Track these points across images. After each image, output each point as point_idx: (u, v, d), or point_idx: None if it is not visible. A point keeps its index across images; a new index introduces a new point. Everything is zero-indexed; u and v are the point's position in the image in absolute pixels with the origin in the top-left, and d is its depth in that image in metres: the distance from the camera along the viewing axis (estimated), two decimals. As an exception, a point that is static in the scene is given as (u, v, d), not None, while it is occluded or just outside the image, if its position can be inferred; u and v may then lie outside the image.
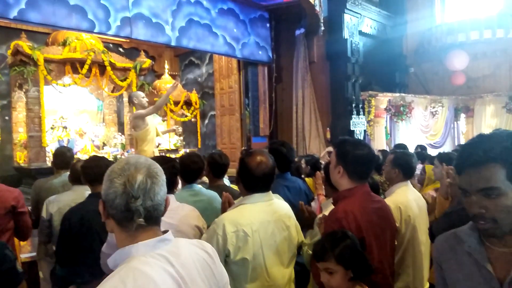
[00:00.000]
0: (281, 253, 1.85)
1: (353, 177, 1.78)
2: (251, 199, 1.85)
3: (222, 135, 8.55)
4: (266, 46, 7.84)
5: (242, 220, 1.76)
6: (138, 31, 5.88)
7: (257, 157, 1.86)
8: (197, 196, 2.47)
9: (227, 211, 1.92)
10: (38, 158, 6.31)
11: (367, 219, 1.71)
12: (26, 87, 6.30)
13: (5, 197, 2.66)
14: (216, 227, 1.75)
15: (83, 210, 2.45)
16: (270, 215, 1.84)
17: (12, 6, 4.67)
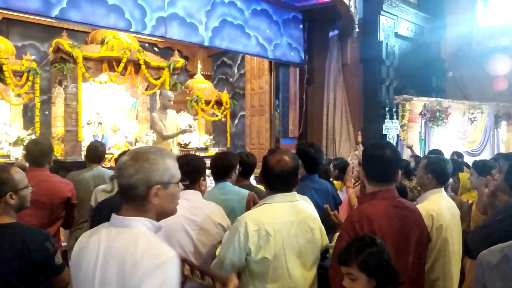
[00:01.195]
0: (303, 255, 1.81)
1: (372, 179, 1.74)
2: (274, 198, 1.83)
3: (251, 136, 8.57)
4: (299, 47, 7.79)
5: (264, 219, 1.74)
6: (173, 31, 5.99)
7: (277, 155, 1.84)
8: (227, 195, 2.47)
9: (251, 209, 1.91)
10: (74, 152, 6.56)
11: (387, 224, 1.65)
12: (65, 83, 6.56)
13: (62, 189, 2.83)
14: (238, 225, 1.74)
15: (113, 203, 2.50)
16: (294, 216, 1.81)
17: (54, 5, 4.88)
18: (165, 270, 1.17)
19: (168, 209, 1.34)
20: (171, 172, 1.31)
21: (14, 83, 5.97)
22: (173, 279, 1.18)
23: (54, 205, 2.75)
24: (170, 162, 1.31)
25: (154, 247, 1.21)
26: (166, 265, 1.18)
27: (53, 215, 2.76)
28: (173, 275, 1.19)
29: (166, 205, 1.32)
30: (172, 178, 1.31)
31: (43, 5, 4.80)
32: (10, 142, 6.34)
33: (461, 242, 2.45)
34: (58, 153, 6.96)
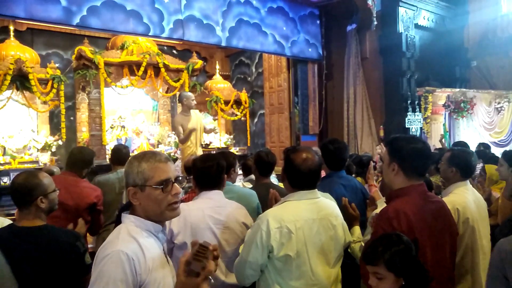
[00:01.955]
0: (326, 252, 1.81)
1: (410, 174, 1.69)
2: (295, 196, 1.83)
3: (271, 134, 8.58)
4: (316, 43, 7.73)
5: (286, 217, 1.75)
6: (190, 33, 6.06)
7: (302, 154, 1.84)
8: (228, 194, 2.50)
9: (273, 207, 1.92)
10: (99, 156, 6.73)
11: (422, 220, 1.61)
12: (88, 89, 6.75)
13: (89, 194, 2.91)
14: (260, 223, 1.75)
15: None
16: (315, 213, 1.81)
17: (75, 13, 5.02)
18: (104, 263, 1.24)
19: (151, 212, 1.37)
20: (145, 175, 1.35)
21: (40, 91, 6.18)
22: (109, 273, 1.23)
23: (80, 209, 2.83)
24: (146, 166, 1.35)
25: (112, 241, 1.30)
26: (107, 259, 1.24)
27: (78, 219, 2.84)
28: (111, 269, 1.23)
29: (148, 208, 1.36)
30: (146, 181, 1.35)
31: (64, 14, 4.94)
32: (38, 148, 6.57)
33: (489, 235, 2.39)
34: (84, 157, 7.14)
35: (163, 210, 1.36)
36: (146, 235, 1.35)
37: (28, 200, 1.88)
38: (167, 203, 1.36)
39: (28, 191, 1.89)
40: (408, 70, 7.09)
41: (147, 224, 1.36)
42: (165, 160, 1.39)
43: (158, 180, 1.35)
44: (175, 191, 1.37)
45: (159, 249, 1.38)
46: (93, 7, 5.13)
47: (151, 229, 1.37)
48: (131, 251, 1.26)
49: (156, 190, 1.34)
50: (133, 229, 1.34)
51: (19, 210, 1.90)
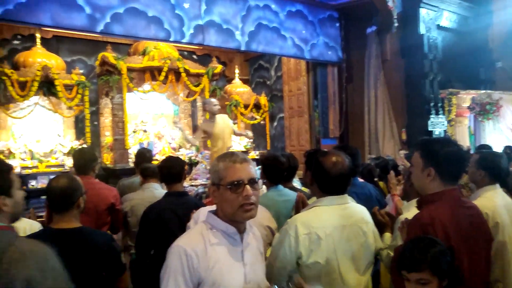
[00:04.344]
0: (356, 260, 1.75)
1: (446, 178, 1.62)
2: (325, 201, 1.77)
3: (290, 137, 8.53)
4: (336, 46, 7.66)
5: (315, 223, 1.70)
6: (210, 38, 6.10)
7: (332, 157, 1.78)
8: (284, 196, 2.47)
9: (301, 211, 1.88)
10: (122, 159, 6.85)
11: (457, 227, 1.55)
12: (112, 94, 6.88)
13: (106, 195, 2.96)
14: (289, 228, 1.71)
15: (159, 208, 2.59)
16: (346, 219, 1.75)
17: (99, 20, 5.12)
18: (168, 256, 1.36)
19: (226, 211, 1.42)
20: (220, 175, 1.42)
21: (66, 97, 6.33)
22: (170, 266, 1.34)
23: (100, 211, 2.87)
24: (222, 165, 1.41)
25: (182, 236, 1.44)
26: (170, 253, 1.36)
27: (99, 220, 2.88)
28: (171, 262, 1.34)
29: (223, 207, 1.44)
30: (220, 180, 1.41)
31: (88, 21, 5.05)
32: (64, 152, 6.73)
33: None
34: (107, 161, 7.29)
35: (235, 211, 1.36)
36: (218, 235, 1.38)
37: (70, 202, 1.91)
38: (238, 205, 1.35)
39: (71, 193, 1.92)
40: (431, 72, 6.93)
41: (220, 225, 1.39)
42: (240, 161, 1.38)
43: (229, 181, 1.36)
44: (246, 193, 1.35)
45: (231, 250, 1.37)
46: (116, 14, 5.22)
47: (224, 230, 1.38)
48: (191, 248, 1.31)
49: (228, 191, 1.35)
50: (206, 228, 1.39)
51: (57, 213, 1.91)
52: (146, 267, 2.54)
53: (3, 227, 1.28)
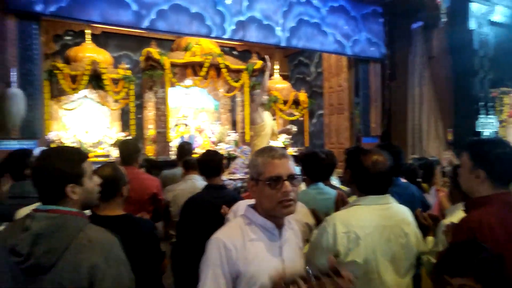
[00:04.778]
0: (397, 261, 1.70)
1: (497, 181, 1.54)
2: (365, 200, 1.73)
3: (330, 135, 8.39)
4: (379, 42, 7.44)
5: (354, 222, 1.67)
6: (251, 34, 6.12)
7: (373, 156, 1.74)
8: (324, 195, 2.44)
9: (340, 210, 1.85)
10: (164, 152, 7.06)
11: (507, 233, 1.46)
12: (155, 88, 7.09)
13: (149, 185, 3.07)
14: (327, 226, 1.69)
15: (199, 199, 2.65)
16: (386, 219, 1.70)
17: (145, 17, 5.28)
18: (207, 247, 1.39)
19: (264, 206, 1.42)
20: (258, 170, 1.43)
21: (112, 90, 6.60)
22: (209, 257, 1.36)
23: (143, 201, 2.97)
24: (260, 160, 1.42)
25: (221, 229, 1.46)
26: (210, 244, 1.39)
27: (142, 209, 2.97)
28: (210, 254, 1.36)
29: (262, 202, 1.44)
30: (259, 176, 1.42)
31: (134, 17, 5.23)
32: (110, 143, 7.02)
33: None
34: (150, 153, 7.54)
35: (274, 207, 1.36)
36: (257, 230, 1.38)
37: (114, 191, 1.99)
38: (277, 200, 1.35)
39: (116, 181, 2.00)
40: (481, 70, 6.56)
41: (258, 219, 1.39)
42: (279, 157, 1.37)
43: (268, 176, 1.35)
44: (285, 189, 1.34)
45: (269, 245, 1.37)
46: (161, 10, 5.37)
47: (262, 224, 1.39)
48: (230, 241, 1.33)
49: (266, 186, 1.35)
50: (245, 222, 1.40)
51: (103, 201, 1.99)
52: (186, 256, 2.60)
53: (75, 212, 1.35)
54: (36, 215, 1.29)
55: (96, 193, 1.50)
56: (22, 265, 1.23)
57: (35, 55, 4.80)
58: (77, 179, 1.37)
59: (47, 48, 7.07)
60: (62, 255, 1.25)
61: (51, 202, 1.33)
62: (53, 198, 1.34)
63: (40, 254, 1.23)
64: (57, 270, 1.25)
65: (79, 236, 1.30)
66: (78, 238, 1.29)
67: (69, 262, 1.26)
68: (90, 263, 1.27)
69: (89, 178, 1.44)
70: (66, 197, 1.34)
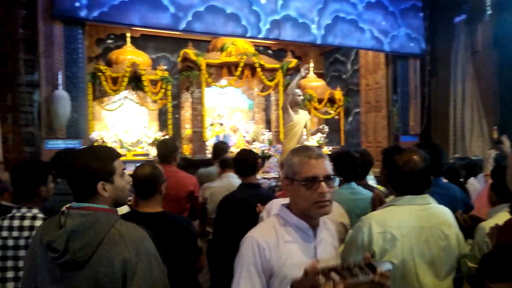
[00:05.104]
0: (436, 264, 1.65)
1: None
2: (403, 200, 1.69)
3: (366, 133, 8.21)
4: (419, 37, 7.19)
5: (390, 222, 1.63)
6: (286, 32, 6.11)
7: (406, 155, 1.70)
8: (357, 195, 2.41)
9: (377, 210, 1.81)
10: (200, 151, 7.21)
11: None
12: (192, 89, 7.25)
13: (187, 183, 3.16)
14: (363, 225, 1.66)
15: (234, 198, 2.69)
16: (425, 220, 1.65)
17: (182, 19, 5.41)
18: (241, 246, 1.39)
19: (299, 206, 1.39)
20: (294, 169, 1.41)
21: (151, 91, 6.81)
22: (243, 256, 1.36)
23: (180, 198, 3.06)
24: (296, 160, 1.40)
25: (255, 228, 1.47)
26: (244, 243, 1.39)
27: (180, 206, 3.07)
28: (244, 253, 1.36)
29: (297, 202, 1.41)
30: (294, 175, 1.41)
31: (172, 20, 5.37)
32: (149, 143, 7.25)
33: None
34: (187, 151, 7.71)
35: (310, 207, 1.34)
36: (291, 230, 1.37)
37: (153, 189, 2.07)
38: (312, 201, 1.33)
39: (154, 180, 2.08)
40: (529, 64, 6.18)
41: (292, 219, 1.38)
42: (316, 157, 1.36)
43: (304, 176, 1.34)
44: (321, 190, 1.32)
45: (304, 246, 1.37)
46: (197, 12, 5.48)
47: (296, 224, 1.38)
48: (263, 240, 1.33)
49: (302, 186, 1.34)
50: (279, 221, 1.40)
51: (143, 199, 2.08)
52: (222, 253, 2.65)
53: (106, 209, 1.41)
54: (70, 213, 1.36)
55: (127, 191, 1.55)
56: (59, 260, 1.30)
57: (80, 58, 5.05)
58: (108, 177, 1.43)
59: (91, 51, 7.40)
60: (96, 250, 1.31)
61: (83, 199, 1.40)
62: (85, 195, 1.40)
63: (75, 249, 1.30)
64: (91, 265, 1.31)
65: (111, 231, 1.35)
66: (110, 233, 1.35)
67: (102, 257, 1.31)
68: (123, 257, 1.32)
69: (120, 176, 1.49)
70: (97, 194, 1.40)
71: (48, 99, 4.77)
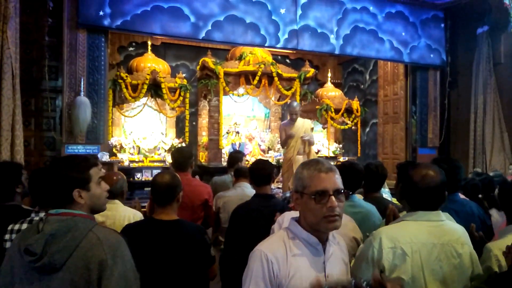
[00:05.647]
0: (448, 283, 1.62)
1: None
2: (415, 215, 1.68)
3: (383, 145, 8.13)
4: (439, 48, 7.12)
5: (401, 237, 1.62)
6: (304, 42, 6.14)
7: (422, 170, 1.69)
8: (356, 208, 2.40)
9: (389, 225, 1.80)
10: (216, 158, 7.27)
11: None
12: (209, 97, 7.34)
13: (201, 191, 3.20)
14: (373, 240, 1.66)
15: (248, 208, 2.71)
16: (437, 237, 1.64)
17: (201, 28, 5.52)
18: (250, 259, 1.40)
19: (309, 220, 1.39)
20: (304, 183, 1.41)
21: (170, 98, 6.92)
22: (252, 269, 1.36)
23: (195, 206, 3.10)
24: (306, 173, 1.40)
25: (264, 241, 1.46)
26: (252, 256, 1.40)
27: (194, 214, 3.10)
28: (253, 266, 1.36)
29: (306, 216, 1.41)
30: (304, 189, 1.41)
31: (192, 29, 5.48)
32: (166, 149, 7.36)
33: None
34: (202, 159, 7.79)
35: (319, 221, 1.34)
36: (300, 244, 1.38)
37: (172, 197, 2.11)
38: (321, 215, 1.33)
39: (173, 188, 2.12)
40: (555, 77, 6.04)
41: (301, 233, 1.39)
42: (326, 170, 1.36)
43: (313, 190, 1.34)
44: (331, 204, 1.31)
45: (312, 260, 1.37)
46: (217, 21, 5.58)
47: (305, 239, 1.38)
48: (272, 254, 1.34)
49: (311, 200, 1.34)
50: (288, 235, 1.40)
51: (160, 206, 2.12)
52: (234, 263, 2.66)
53: (84, 215, 1.47)
54: (48, 219, 1.42)
55: (104, 199, 1.61)
56: (36, 263, 1.35)
57: (102, 65, 5.20)
58: (84, 185, 1.50)
59: (112, 58, 7.59)
60: (72, 253, 1.36)
61: (61, 206, 1.47)
62: (63, 202, 1.47)
63: (52, 252, 1.35)
64: (68, 267, 1.35)
65: (89, 235, 1.41)
66: (87, 237, 1.40)
67: (79, 259, 1.36)
68: (99, 260, 1.37)
69: (97, 184, 1.55)
70: (74, 201, 1.47)
71: (70, 104, 4.91)
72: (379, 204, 2.55)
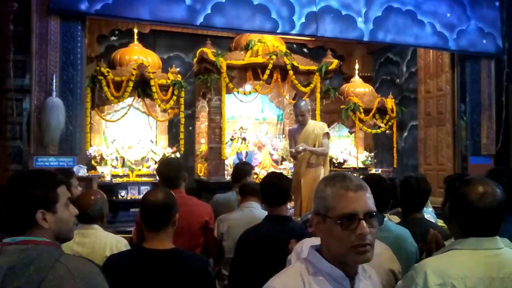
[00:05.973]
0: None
1: None
2: (467, 243, 1.67)
3: (426, 153, 8.07)
4: (494, 32, 7.08)
5: (451, 271, 1.60)
6: (325, 27, 6.14)
7: (479, 187, 1.67)
8: (383, 232, 2.38)
9: (433, 255, 1.78)
10: (217, 171, 7.28)
11: None
12: (209, 96, 7.38)
13: (200, 212, 3.20)
14: (415, 275, 1.64)
15: (258, 233, 2.69)
16: (495, 270, 1.62)
17: (199, 12, 5.56)
18: None
19: (333, 250, 1.37)
20: (327, 203, 1.38)
21: (161, 98, 6.97)
22: None
23: (193, 231, 3.08)
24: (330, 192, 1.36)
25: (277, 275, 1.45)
26: None
27: (192, 241, 3.07)
28: None
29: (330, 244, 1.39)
30: (327, 211, 1.39)
31: (188, 13, 5.52)
32: (156, 160, 7.39)
33: None
34: (201, 172, 7.80)
35: (346, 252, 1.30)
36: (322, 279, 1.34)
37: (167, 219, 2.12)
38: (350, 245, 1.29)
39: (169, 208, 2.14)
40: None
41: (324, 266, 1.35)
42: (355, 188, 1.33)
43: (340, 213, 1.30)
44: (361, 230, 1.28)
45: None
46: (218, 3, 5.61)
47: (329, 272, 1.35)
48: None
49: (337, 226, 1.30)
50: (307, 268, 1.37)
51: (153, 231, 2.12)
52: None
53: (48, 242, 1.48)
54: (5, 249, 1.42)
55: (72, 224, 1.62)
56: None
57: (78, 59, 5.26)
58: (49, 205, 1.50)
59: (91, 50, 7.69)
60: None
61: (20, 232, 1.46)
62: (22, 227, 1.47)
63: None
64: None
65: (56, 266, 1.40)
66: (54, 269, 1.39)
67: None
68: None
69: (65, 206, 1.56)
70: (36, 225, 1.47)
71: (40, 107, 4.96)
72: (417, 227, 2.55)
